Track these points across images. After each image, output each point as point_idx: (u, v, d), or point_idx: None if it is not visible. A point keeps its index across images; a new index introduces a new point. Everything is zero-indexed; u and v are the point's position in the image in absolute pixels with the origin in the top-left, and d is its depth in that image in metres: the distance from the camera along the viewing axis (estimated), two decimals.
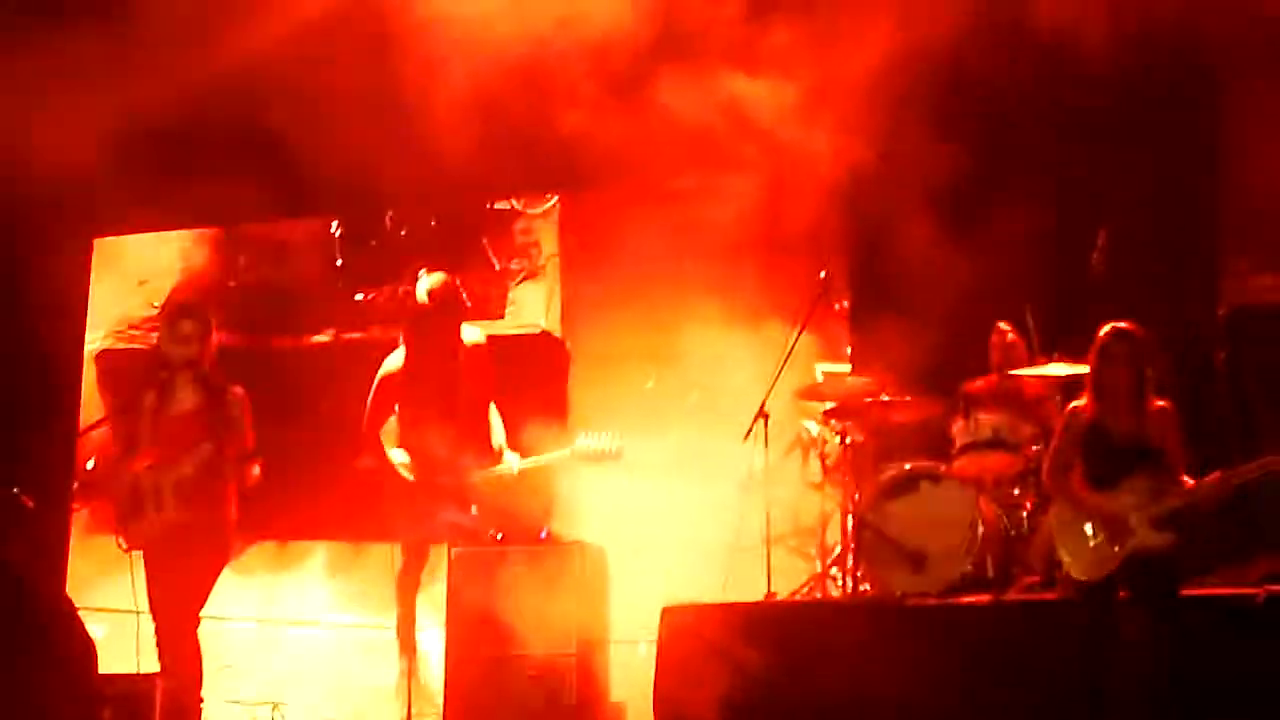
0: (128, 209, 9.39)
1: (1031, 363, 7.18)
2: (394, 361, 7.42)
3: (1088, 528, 5.64)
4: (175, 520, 6.68)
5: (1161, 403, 5.79)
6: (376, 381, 7.38)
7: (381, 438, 7.34)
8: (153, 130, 8.54)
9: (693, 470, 8.21)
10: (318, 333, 9.99)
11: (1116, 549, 5.56)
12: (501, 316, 9.79)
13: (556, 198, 9.93)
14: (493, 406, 7.42)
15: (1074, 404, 5.96)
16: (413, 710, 6.81)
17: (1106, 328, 5.89)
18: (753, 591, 6.83)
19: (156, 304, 9.68)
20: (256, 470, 6.82)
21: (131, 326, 10.12)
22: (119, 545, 6.72)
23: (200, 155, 9.02)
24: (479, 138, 7.67)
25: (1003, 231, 7.59)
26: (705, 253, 8.55)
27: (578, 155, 7.67)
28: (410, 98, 7.74)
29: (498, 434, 7.40)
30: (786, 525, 7.59)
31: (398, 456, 7.32)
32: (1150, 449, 5.68)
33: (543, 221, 10.05)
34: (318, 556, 9.21)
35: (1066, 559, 5.70)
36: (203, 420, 6.90)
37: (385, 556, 7.60)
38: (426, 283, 7.41)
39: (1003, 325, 7.55)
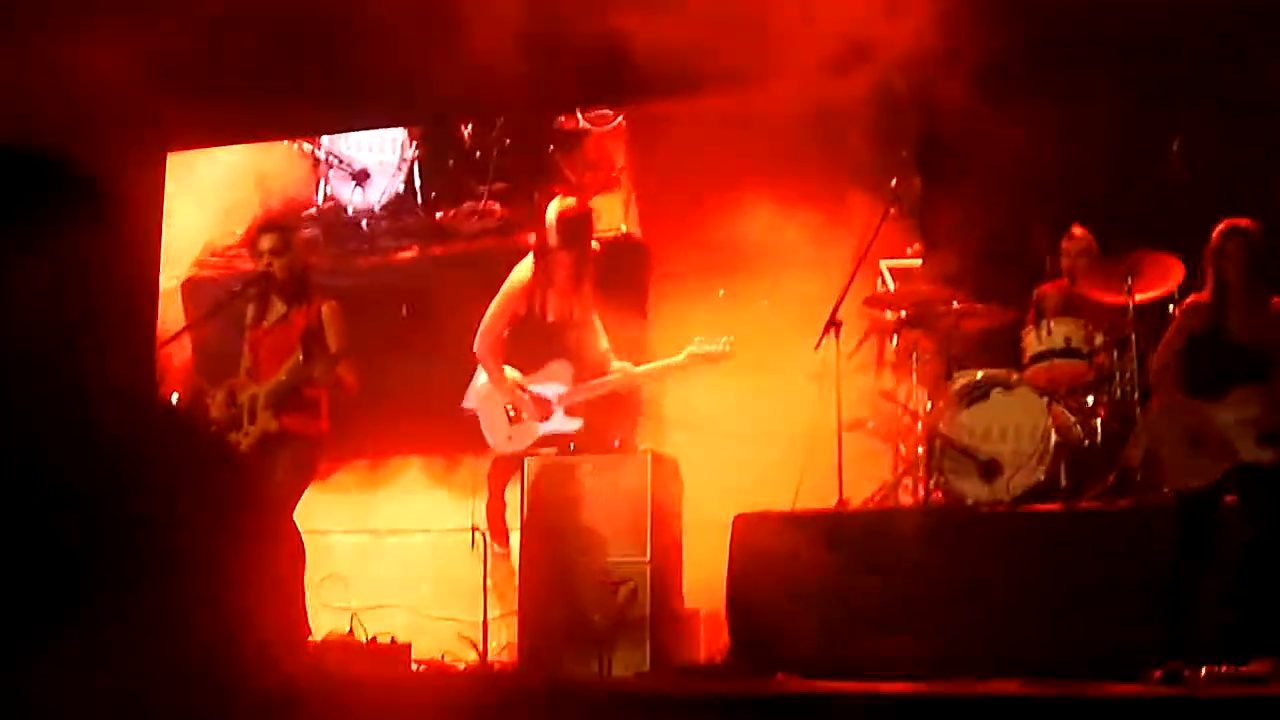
0: (199, 122, 9.45)
1: (1102, 267, 7.11)
2: (522, 273, 7.47)
3: (1188, 436, 5.58)
4: (268, 430, 6.81)
5: None
6: (503, 292, 7.44)
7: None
8: (222, 41, 8.56)
9: (765, 377, 8.23)
10: (403, 250, 10.10)
11: (1217, 461, 5.50)
12: None
13: (621, 116, 9.98)
14: (594, 313, 7.51)
15: (1192, 299, 5.86)
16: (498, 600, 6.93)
17: (1221, 225, 5.81)
18: (825, 497, 6.85)
19: (239, 231, 9.77)
20: (349, 376, 6.90)
21: (214, 254, 10.20)
22: None
23: (271, 67, 9.05)
24: (536, 50, 7.67)
25: (1076, 129, 7.53)
26: (769, 164, 8.52)
27: (635, 64, 7.64)
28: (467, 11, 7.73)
29: (603, 340, 7.49)
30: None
31: (507, 371, 7.40)
32: (1266, 355, 5.56)
33: (612, 139, 10.09)
34: (411, 471, 9.33)
35: (1165, 461, 5.65)
36: (294, 332, 7.01)
37: (481, 467, 7.68)
38: (556, 207, 7.44)
39: (1076, 230, 7.49)
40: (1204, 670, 5.09)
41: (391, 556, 8.74)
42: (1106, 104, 7.72)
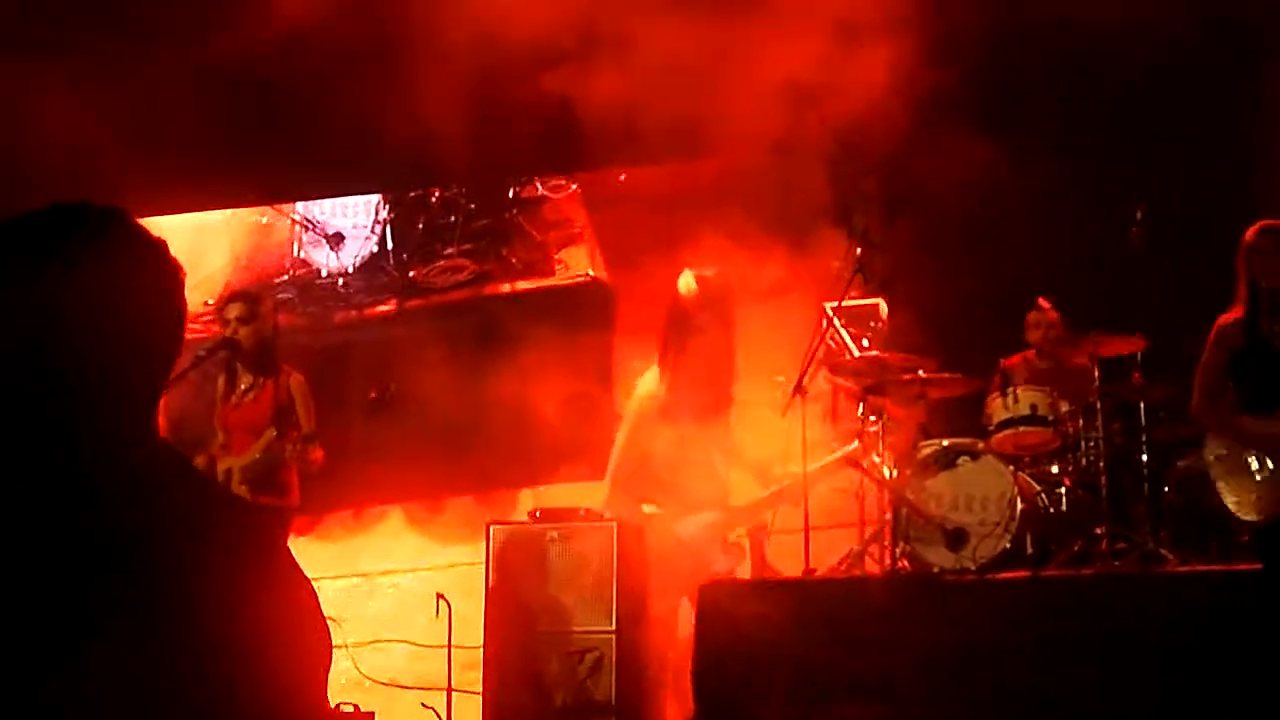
0: (160, 188, 9.46)
1: (1069, 340, 7.18)
2: (648, 386, 6.78)
3: (1252, 461, 5.40)
4: None
5: None
6: (633, 421, 6.82)
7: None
8: (181, 107, 8.60)
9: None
10: (380, 304, 10.19)
11: None
12: (552, 274, 10.04)
13: (575, 185, 10.15)
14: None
15: (1221, 320, 5.75)
16: None
17: (1253, 227, 5.71)
18: (792, 567, 6.83)
19: (211, 301, 9.80)
20: (318, 454, 6.92)
21: (189, 321, 10.23)
22: None
23: (230, 135, 9.08)
24: (488, 119, 7.75)
25: (1041, 199, 7.61)
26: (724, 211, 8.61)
27: (582, 132, 7.71)
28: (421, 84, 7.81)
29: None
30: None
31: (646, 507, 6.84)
32: None
33: (569, 203, 10.26)
34: (394, 517, 9.36)
35: (1232, 501, 5.50)
36: (265, 407, 7.03)
37: (464, 507, 7.64)
38: (692, 277, 6.68)
39: (1043, 302, 7.55)
40: None
41: (386, 595, 8.75)
42: (1072, 177, 7.81)
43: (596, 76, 7.35)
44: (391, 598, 8.88)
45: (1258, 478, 5.43)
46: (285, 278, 10.42)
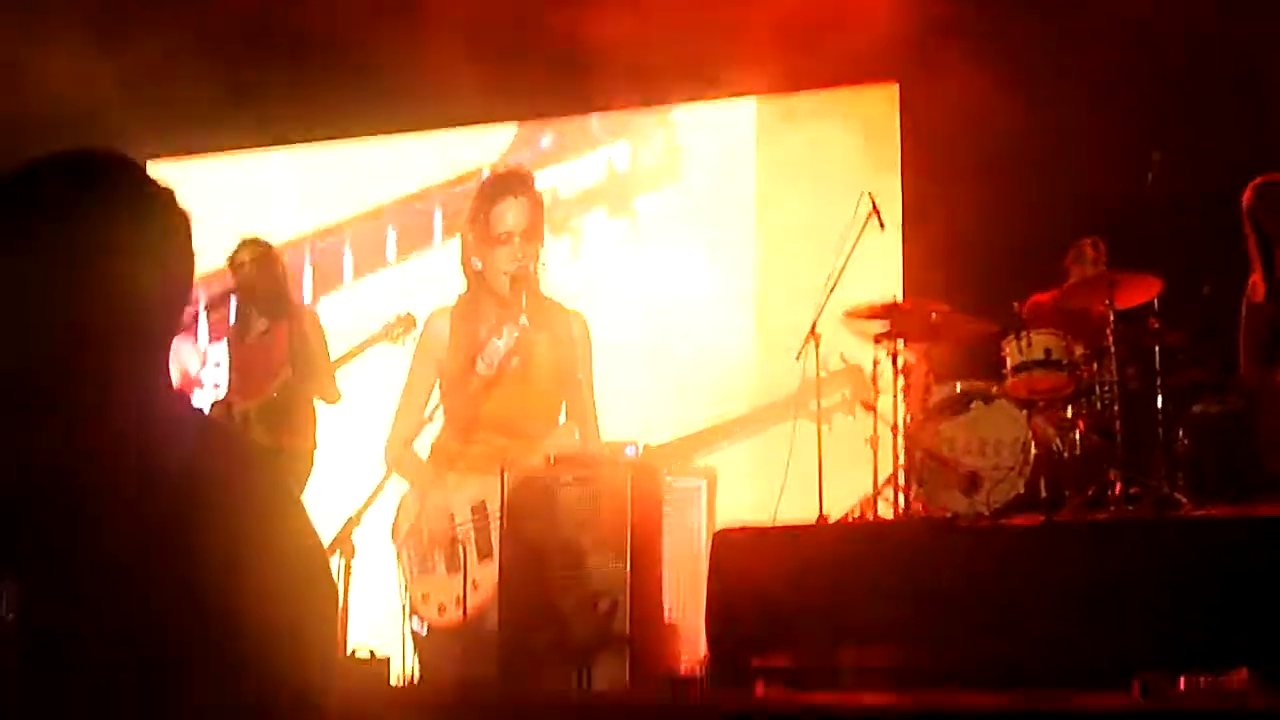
0: (176, 133, 9.47)
1: (1085, 283, 7.16)
2: None
3: None
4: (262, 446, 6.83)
5: None
6: None
7: None
8: (194, 53, 8.60)
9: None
10: None
11: None
12: None
13: None
14: None
15: (1247, 292, 5.74)
16: None
17: (1248, 187, 5.69)
18: (806, 511, 6.85)
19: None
20: (337, 394, 6.93)
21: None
22: None
23: (243, 79, 9.09)
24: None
25: (1053, 151, 7.58)
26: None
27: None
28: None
29: None
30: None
31: None
32: None
33: None
34: None
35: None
36: (279, 347, 7.05)
37: None
38: None
39: (1089, 242, 7.51)
40: (1182, 682, 5.10)
41: None
42: (1088, 120, 7.78)
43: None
44: None
45: None
46: None
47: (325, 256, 9.76)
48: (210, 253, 8.51)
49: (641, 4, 7.66)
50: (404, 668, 6.61)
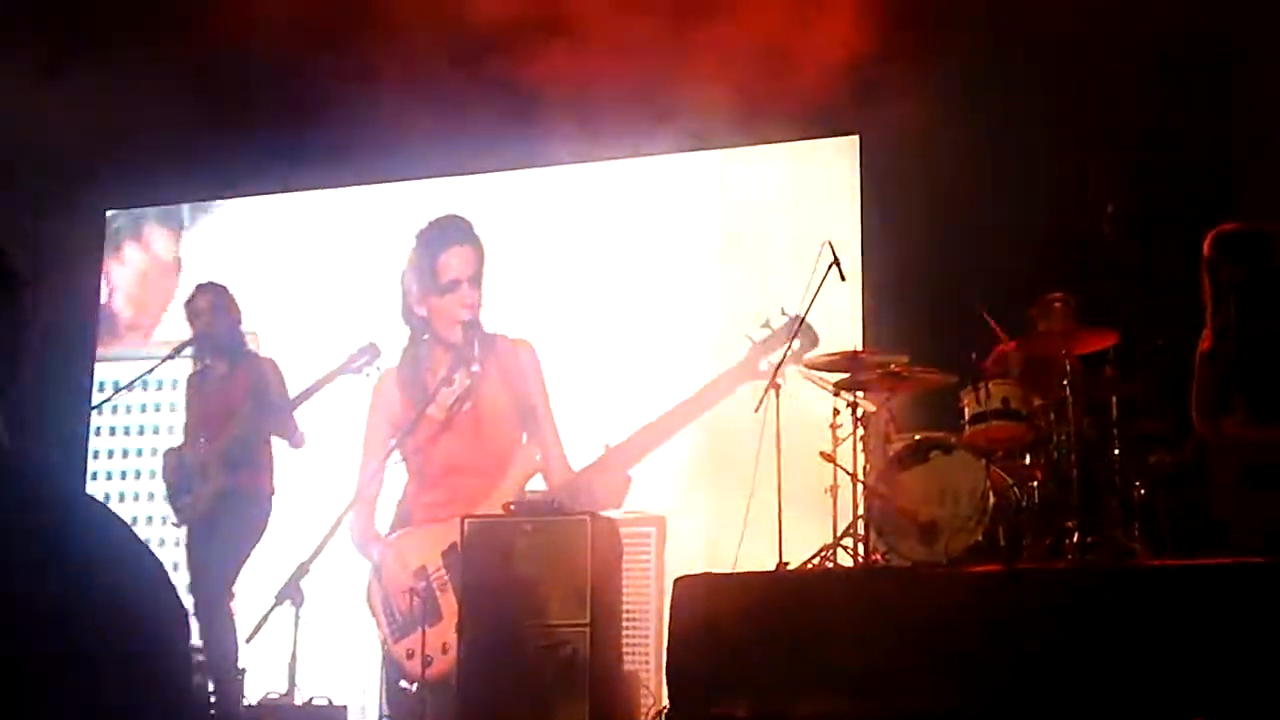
0: (138, 180, 9.46)
1: (1041, 336, 7.21)
2: None
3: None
4: (220, 487, 6.82)
5: None
6: None
7: None
8: (161, 100, 8.58)
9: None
10: None
11: None
12: None
13: None
14: None
15: (1201, 349, 5.80)
16: None
17: (1211, 234, 5.78)
18: (766, 560, 6.86)
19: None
20: (299, 434, 6.93)
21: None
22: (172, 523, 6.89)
23: (208, 127, 9.08)
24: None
25: (1012, 202, 7.65)
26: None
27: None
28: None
29: None
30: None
31: None
32: None
33: None
34: None
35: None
36: (239, 390, 7.05)
37: None
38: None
39: (1057, 297, 7.55)
40: None
41: None
42: (1046, 163, 7.85)
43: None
44: None
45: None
46: None
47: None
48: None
49: (590, 57, 7.71)
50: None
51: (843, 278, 7.42)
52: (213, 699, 6.42)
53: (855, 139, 8.80)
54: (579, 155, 8.88)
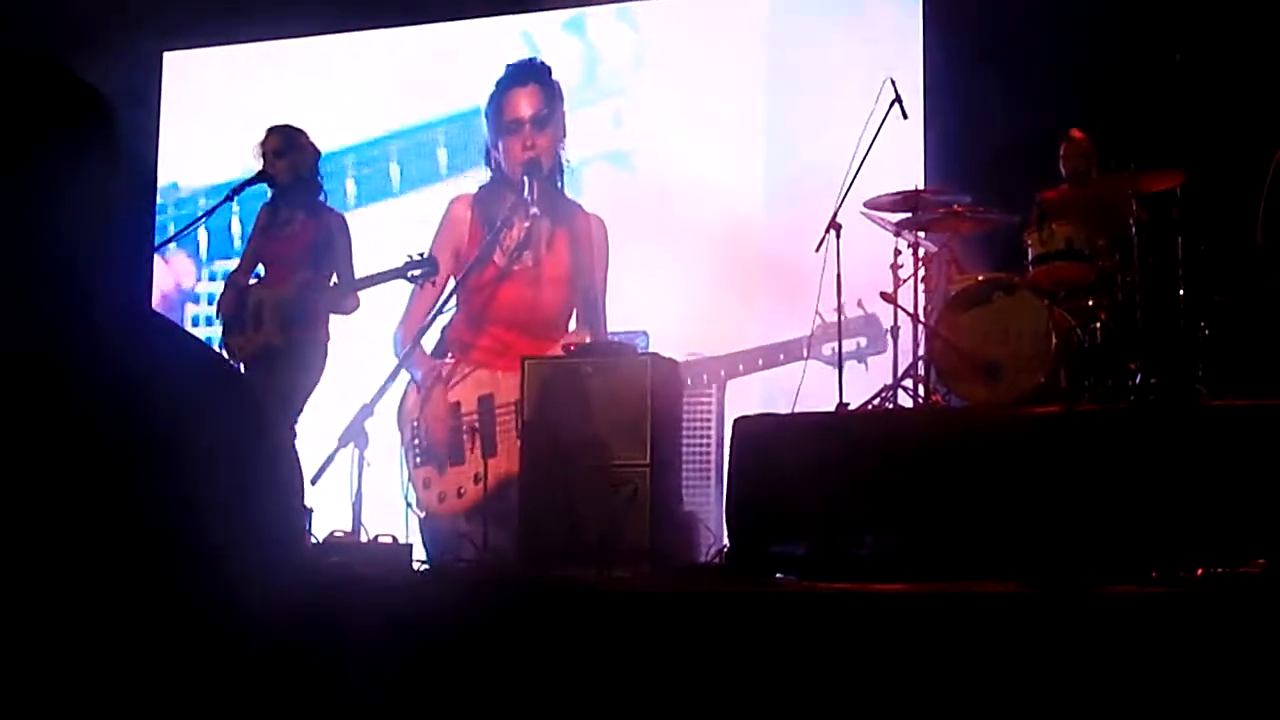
0: (195, 21, 9.42)
1: (1106, 174, 7.13)
2: None
3: None
4: (269, 341, 6.86)
5: None
6: None
7: None
8: None
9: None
10: None
11: None
12: None
13: None
14: None
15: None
16: None
17: None
18: (826, 401, 6.86)
19: None
20: (355, 303, 6.96)
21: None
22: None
23: None
24: None
25: (1077, 40, 7.52)
26: None
27: None
28: None
29: None
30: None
31: None
32: None
33: None
34: None
35: None
36: (301, 244, 7.04)
37: None
38: None
39: (1075, 133, 7.48)
40: (1200, 571, 5.12)
41: None
42: (1115, 10, 7.71)
43: None
44: None
45: None
46: None
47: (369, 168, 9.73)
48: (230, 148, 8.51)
49: None
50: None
51: (905, 115, 7.33)
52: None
53: None
54: None
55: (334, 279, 7.10)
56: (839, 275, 6.99)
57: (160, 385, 1.89)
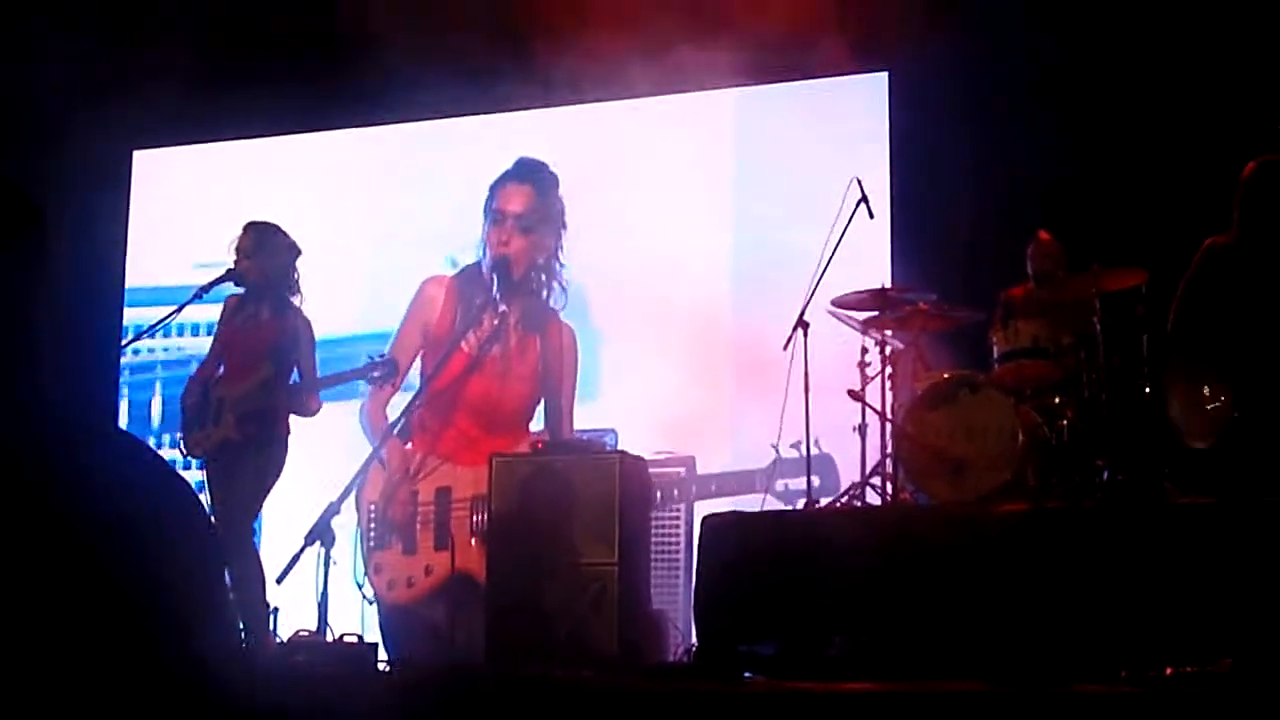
0: (165, 121, 9.45)
1: (1070, 273, 7.19)
2: None
3: (1205, 389, 5.52)
4: (227, 437, 6.83)
5: None
6: None
7: None
8: (187, 39, 8.58)
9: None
10: None
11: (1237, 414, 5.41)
12: None
13: None
14: None
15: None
16: None
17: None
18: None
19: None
20: (316, 404, 6.94)
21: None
22: (180, 451, 6.94)
23: (235, 66, 9.06)
24: None
25: (1042, 140, 7.61)
26: None
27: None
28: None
29: None
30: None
31: None
32: None
33: None
34: None
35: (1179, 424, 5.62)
36: (265, 340, 7.02)
37: None
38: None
39: (1042, 234, 7.54)
40: (1169, 670, 5.11)
41: None
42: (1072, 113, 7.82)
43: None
44: None
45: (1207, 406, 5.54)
46: None
47: None
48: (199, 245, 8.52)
49: None
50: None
51: (871, 215, 7.39)
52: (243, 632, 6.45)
53: (884, 75, 8.73)
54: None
55: (295, 376, 7.09)
56: (806, 373, 7.01)
57: (116, 497, 1.88)
